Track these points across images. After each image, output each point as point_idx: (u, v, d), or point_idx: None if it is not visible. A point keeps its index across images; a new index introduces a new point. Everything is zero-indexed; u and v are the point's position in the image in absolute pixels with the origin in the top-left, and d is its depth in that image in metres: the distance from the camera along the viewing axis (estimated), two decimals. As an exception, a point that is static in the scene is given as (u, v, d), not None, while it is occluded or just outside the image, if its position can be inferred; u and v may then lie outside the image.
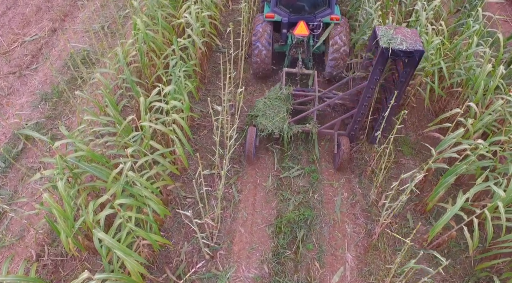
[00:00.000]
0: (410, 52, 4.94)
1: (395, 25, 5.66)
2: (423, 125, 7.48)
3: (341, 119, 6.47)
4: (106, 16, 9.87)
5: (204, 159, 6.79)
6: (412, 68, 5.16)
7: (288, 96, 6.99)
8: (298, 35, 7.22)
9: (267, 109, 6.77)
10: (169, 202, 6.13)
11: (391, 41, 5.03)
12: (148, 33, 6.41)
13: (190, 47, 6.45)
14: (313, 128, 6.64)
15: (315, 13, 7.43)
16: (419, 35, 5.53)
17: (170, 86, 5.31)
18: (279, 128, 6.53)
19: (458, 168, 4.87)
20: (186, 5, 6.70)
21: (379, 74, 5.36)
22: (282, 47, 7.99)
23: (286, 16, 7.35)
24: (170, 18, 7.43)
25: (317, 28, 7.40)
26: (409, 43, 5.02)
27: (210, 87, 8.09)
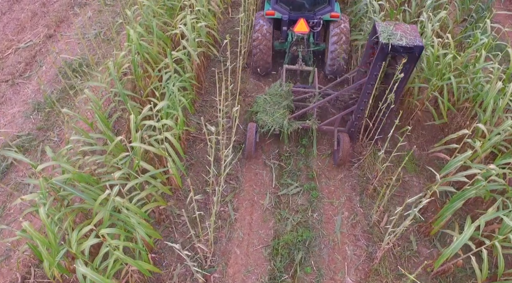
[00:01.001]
0: (410, 47, 4.93)
1: (396, 21, 5.61)
2: (428, 140, 7.21)
3: (341, 115, 6.44)
4: (102, 22, 9.63)
5: (199, 175, 6.55)
6: (411, 64, 5.14)
7: (288, 93, 6.95)
8: (298, 32, 7.23)
9: (267, 106, 6.77)
10: (162, 220, 5.88)
11: (391, 37, 5.04)
12: (142, 44, 6.17)
13: (186, 60, 6.19)
14: (313, 124, 6.62)
15: (315, 10, 7.41)
16: (418, 30, 5.47)
17: (162, 103, 5.06)
18: (279, 125, 6.54)
19: (467, 193, 4.60)
20: (182, 14, 6.44)
21: (378, 70, 5.32)
22: (282, 45, 7.93)
23: (286, 13, 7.35)
24: (166, 27, 7.19)
25: (317, 26, 7.39)
26: (409, 39, 5.02)
27: (207, 98, 7.84)
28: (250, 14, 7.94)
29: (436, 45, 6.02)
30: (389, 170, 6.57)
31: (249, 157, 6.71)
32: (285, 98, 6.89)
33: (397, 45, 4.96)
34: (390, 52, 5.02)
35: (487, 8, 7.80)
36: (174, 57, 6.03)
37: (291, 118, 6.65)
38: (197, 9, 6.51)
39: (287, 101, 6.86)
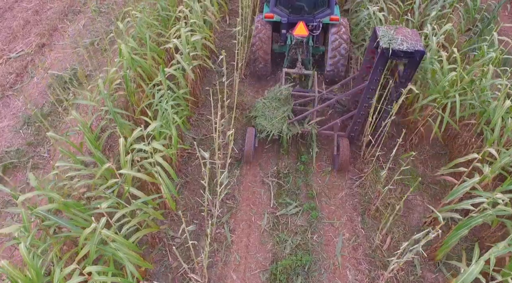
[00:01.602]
0: (410, 52, 4.88)
1: (396, 25, 5.52)
2: (431, 156, 6.96)
3: (341, 120, 6.40)
4: (96, 31, 9.37)
5: (195, 193, 6.30)
6: (412, 69, 5.09)
7: (288, 97, 6.84)
8: (298, 35, 7.13)
9: (266, 110, 6.69)
10: (156, 243, 5.63)
11: (392, 42, 4.98)
12: (135, 58, 5.92)
13: (179, 77, 5.94)
14: (313, 129, 6.52)
15: (314, 13, 7.34)
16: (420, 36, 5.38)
17: (154, 124, 4.81)
18: (278, 129, 6.45)
19: (473, 221, 4.36)
20: (176, 27, 6.17)
21: (379, 75, 5.27)
22: (281, 48, 7.86)
23: (285, 16, 7.29)
24: (160, 39, 6.93)
25: (316, 29, 7.30)
26: (410, 43, 4.97)
27: (204, 111, 7.59)
28: (248, 24, 7.68)
29: (445, 60, 5.75)
30: (391, 187, 6.32)
31: (247, 161, 6.64)
32: (285, 103, 6.79)
33: (398, 50, 4.89)
34: (391, 57, 4.94)
35: (493, 18, 7.54)
36: (168, 73, 5.78)
37: (291, 123, 6.55)
38: (192, 21, 6.25)
39: (287, 106, 6.73)
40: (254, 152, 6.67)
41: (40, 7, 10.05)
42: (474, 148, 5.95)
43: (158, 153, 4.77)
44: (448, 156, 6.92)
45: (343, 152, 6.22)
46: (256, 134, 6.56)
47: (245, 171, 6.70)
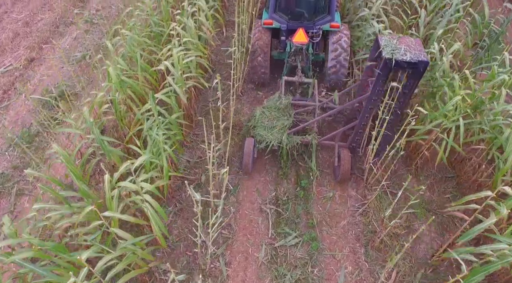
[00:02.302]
0: (414, 63, 4.77)
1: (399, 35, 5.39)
2: (438, 180, 6.61)
3: (342, 131, 6.30)
4: (88, 44, 9.02)
5: (189, 222, 5.95)
6: (416, 80, 4.98)
7: (287, 106, 6.69)
8: (297, 43, 6.97)
9: (265, 120, 6.54)
10: (146, 281, 5.28)
11: (395, 52, 4.87)
12: (124, 80, 5.57)
13: (171, 102, 5.59)
14: (313, 139, 6.38)
15: (314, 20, 7.17)
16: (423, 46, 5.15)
17: (142, 157, 4.46)
18: (278, 140, 6.28)
19: (492, 267, 4.01)
20: (167, 48, 5.81)
21: (381, 85, 5.15)
22: (280, 55, 7.68)
23: (284, 23, 7.13)
24: (152, 57, 6.58)
25: (316, 36, 7.14)
26: (413, 53, 4.86)
27: (199, 131, 7.24)
28: (245, 37, 7.32)
29: (457, 83, 5.40)
30: (397, 214, 5.98)
31: (246, 172, 6.50)
32: (284, 112, 6.61)
33: (401, 61, 4.76)
34: (394, 67, 4.82)
35: (501, 33, 7.20)
36: (160, 98, 5.44)
37: (290, 133, 6.36)
38: (186, 40, 5.89)
39: (286, 116, 6.56)
40: (253, 162, 6.48)
41: (30, 19, 9.70)
42: (485, 176, 5.61)
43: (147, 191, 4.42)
44: (455, 180, 6.58)
45: (344, 163, 6.06)
46: (255, 145, 6.37)
47: (241, 197, 6.36)
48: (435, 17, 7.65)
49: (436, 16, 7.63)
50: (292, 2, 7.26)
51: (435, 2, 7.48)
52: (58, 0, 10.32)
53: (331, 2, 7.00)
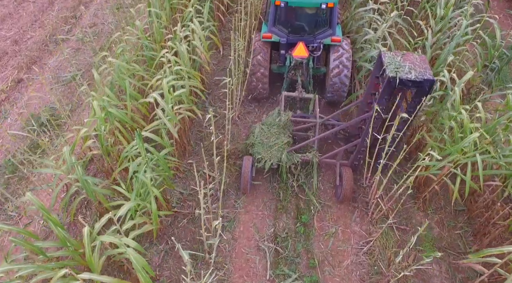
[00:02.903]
0: (419, 82, 4.59)
1: (403, 51, 5.19)
2: (448, 214, 6.19)
3: (343, 149, 6.10)
4: (79, 63, 8.65)
5: (180, 262, 5.53)
6: (421, 98, 4.77)
7: (287, 123, 6.47)
8: (297, 57, 6.79)
9: (264, 137, 6.33)
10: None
11: (399, 70, 4.69)
12: (112, 112, 5.18)
13: (162, 133, 5.20)
14: (314, 157, 6.19)
15: (315, 33, 6.95)
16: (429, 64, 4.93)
17: (128, 206, 4.06)
18: (277, 158, 6.08)
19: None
20: (157, 77, 5.41)
21: (385, 104, 5.00)
22: (280, 68, 7.46)
23: (284, 36, 6.90)
24: (144, 83, 6.20)
25: (317, 50, 6.95)
26: (418, 71, 4.68)
27: (193, 159, 6.83)
28: (241, 61, 6.94)
29: (467, 119, 5.01)
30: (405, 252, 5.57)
31: (244, 192, 6.27)
32: (284, 129, 6.40)
33: (406, 79, 4.58)
34: (398, 86, 4.63)
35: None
36: (150, 132, 5.04)
37: (290, 151, 6.15)
38: (178, 68, 5.50)
39: (286, 135, 6.33)
40: (251, 182, 6.27)
41: (20, 36, 9.33)
42: (500, 216, 5.19)
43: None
44: (466, 213, 6.16)
45: (346, 182, 5.85)
46: (254, 164, 6.15)
47: (238, 233, 5.95)
48: (442, 37, 7.26)
49: (443, 36, 7.24)
50: (292, 16, 7.01)
51: (442, 23, 7.10)
52: (50, 16, 9.97)
53: (332, 15, 6.72)
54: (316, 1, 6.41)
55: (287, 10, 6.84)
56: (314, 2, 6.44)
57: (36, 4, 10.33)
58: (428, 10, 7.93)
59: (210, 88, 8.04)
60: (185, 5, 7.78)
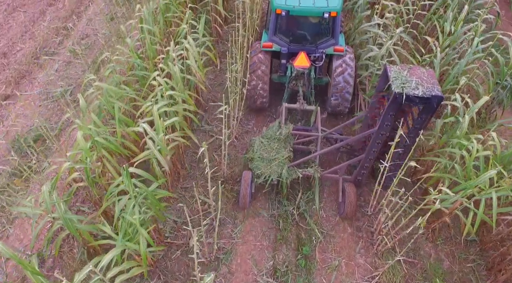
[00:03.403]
0: (427, 98, 4.38)
1: (410, 65, 4.93)
2: (458, 245, 5.81)
3: (346, 164, 5.86)
4: (70, 78, 8.28)
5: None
6: (428, 115, 4.63)
7: (288, 137, 6.24)
8: (298, 67, 6.55)
9: (264, 152, 6.09)
10: None
11: (405, 85, 4.46)
12: (99, 141, 4.81)
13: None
14: (316, 173, 5.92)
15: (317, 43, 6.69)
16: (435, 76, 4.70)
17: (110, 255, 3.69)
18: (277, 174, 5.84)
19: None
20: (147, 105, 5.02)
21: (390, 120, 4.80)
22: (280, 78, 7.18)
23: (285, 46, 6.65)
24: (134, 106, 5.83)
25: (319, 60, 6.67)
26: (426, 87, 4.45)
27: (188, 184, 6.46)
28: (239, 80, 6.55)
29: (479, 149, 4.64)
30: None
31: (243, 208, 6.05)
32: (284, 143, 6.16)
33: (413, 96, 4.37)
34: (405, 102, 4.41)
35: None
36: (141, 159, 4.67)
37: (291, 166, 5.91)
38: (170, 93, 5.12)
39: (287, 149, 6.08)
40: (251, 198, 6.03)
41: (9, 49, 8.96)
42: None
43: None
44: (478, 245, 5.79)
45: (349, 199, 5.65)
46: (253, 179, 5.93)
47: (235, 266, 5.58)
48: (451, 53, 6.88)
49: (452, 51, 6.86)
50: (294, 24, 6.72)
51: (451, 38, 6.72)
52: (41, 27, 9.59)
53: (335, 24, 6.42)
54: (319, 10, 6.14)
55: (289, 19, 6.56)
56: (317, 11, 6.17)
57: (27, 14, 9.96)
58: (436, 23, 7.55)
59: (207, 106, 7.67)
60: (180, 18, 7.40)
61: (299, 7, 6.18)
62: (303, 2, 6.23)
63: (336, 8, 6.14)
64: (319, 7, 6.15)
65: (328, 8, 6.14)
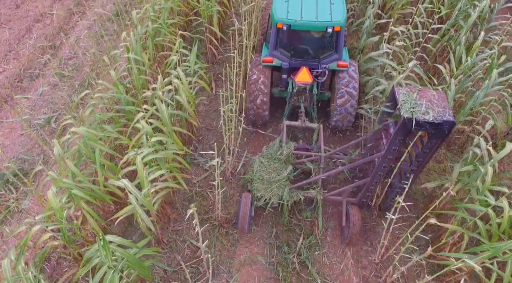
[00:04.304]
0: (438, 124, 4.18)
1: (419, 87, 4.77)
2: None
3: (350, 187, 5.57)
4: (55, 103, 7.75)
5: None
6: (438, 140, 4.42)
7: (289, 157, 5.96)
8: (300, 82, 6.29)
9: (264, 173, 5.81)
10: None
11: (415, 110, 4.25)
12: (76, 194, 4.30)
13: (138, 217, 4.32)
14: (318, 195, 5.71)
15: (320, 58, 6.41)
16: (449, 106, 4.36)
17: None
18: (278, 196, 5.59)
19: None
20: (129, 155, 4.48)
21: (398, 145, 4.60)
22: (281, 93, 6.91)
23: (286, 60, 6.39)
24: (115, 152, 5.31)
25: (321, 76, 6.40)
26: (436, 111, 4.24)
27: (180, 226, 5.94)
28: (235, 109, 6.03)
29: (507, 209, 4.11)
30: None
31: (242, 232, 5.77)
32: (285, 163, 5.88)
33: (423, 121, 4.16)
34: (414, 128, 4.20)
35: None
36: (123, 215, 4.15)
37: (293, 188, 5.68)
38: (156, 139, 4.59)
39: (288, 167, 5.79)
40: (250, 221, 5.80)
41: (-9, 70, 8.44)
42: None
43: None
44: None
45: (354, 223, 5.40)
46: (253, 202, 5.67)
47: (240, 229, 5.08)
48: (465, 81, 6.36)
49: (467, 79, 6.34)
50: (295, 39, 6.41)
51: (464, 67, 6.20)
52: (27, 45, 9.06)
53: (339, 39, 6.11)
54: (322, 24, 5.85)
55: (290, 33, 6.28)
56: (320, 25, 5.87)
57: (13, 31, 9.42)
58: (447, 45, 7.02)
59: (201, 135, 7.15)
60: (172, 42, 6.87)
61: (301, 21, 5.86)
62: (305, 16, 5.92)
63: (340, 23, 5.84)
64: (322, 22, 5.85)
65: (332, 22, 5.84)
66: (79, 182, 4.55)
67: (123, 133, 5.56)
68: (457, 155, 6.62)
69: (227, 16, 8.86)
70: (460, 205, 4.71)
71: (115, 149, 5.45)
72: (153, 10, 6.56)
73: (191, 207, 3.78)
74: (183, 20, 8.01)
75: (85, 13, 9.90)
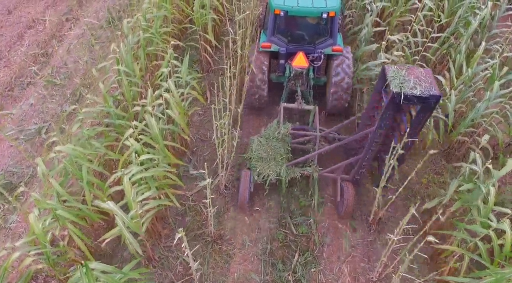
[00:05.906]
0: (425, 98, 4.39)
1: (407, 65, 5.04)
2: None
3: (344, 164, 5.91)
4: (46, 113, 7.58)
5: None
6: (426, 114, 4.62)
7: (286, 136, 6.22)
8: (297, 67, 6.54)
9: (262, 151, 6.09)
10: None
11: (403, 85, 4.47)
12: (61, 215, 4.13)
13: (126, 239, 4.15)
14: (314, 172, 5.98)
15: (315, 43, 6.67)
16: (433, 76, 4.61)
17: None
18: (276, 173, 5.92)
19: None
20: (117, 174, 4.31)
21: (388, 119, 4.84)
22: (279, 78, 7.17)
23: (284, 46, 6.65)
24: (104, 170, 5.13)
25: (317, 60, 6.64)
26: (424, 86, 4.46)
27: (171, 242, 5.74)
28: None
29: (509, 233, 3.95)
30: None
31: (242, 208, 6.02)
32: (283, 142, 6.16)
33: (411, 95, 4.38)
34: (403, 102, 4.41)
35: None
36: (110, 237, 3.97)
37: (290, 165, 5.98)
38: (145, 157, 4.42)
39: (285, 146, 6.11)
40: (250, 198, 5.98)
41: (-19, 79, 8.26)
42: None
43: None
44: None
45: (347, 199, 5.70)
46: (252, 179, 5.95)
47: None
48: (465, 91, 6.20)
49: (467, 90, 6.18)
50: (292, 25, 6.70)
51: (464, 77, 6.04)
52: (18, 52, 8.89)
53: (333, 24, 6.40)
54: (317, 10, 6.14)
55: (287, 19, 6.55)
56: (315, 11, 6.16)
57: (4, 37, 9.25)
58: (445, 53, 6.85)
59: (195, 146, 6.98)
60: (165, 51, 6.69)
61: (298, 7, 6.15)
62: (302, 2, 6.20)
63: (335, 8, 6.13)
64: (318, 7, 6.13)
65: (327, 8, 6.12)
66: (65, 202, 4.39)
67: (113, 147, 5.39)
68: (457, 168, 6.46)
69: (222, 24, 8.69)
70: (460, 225, 4.54)
71: (105, 164, 5.28)
72: (145, 19, 6.39)
73: (179, 231, 3.62)
74: (177, 28, 7.86)
75: (78, 20, 9.73)
